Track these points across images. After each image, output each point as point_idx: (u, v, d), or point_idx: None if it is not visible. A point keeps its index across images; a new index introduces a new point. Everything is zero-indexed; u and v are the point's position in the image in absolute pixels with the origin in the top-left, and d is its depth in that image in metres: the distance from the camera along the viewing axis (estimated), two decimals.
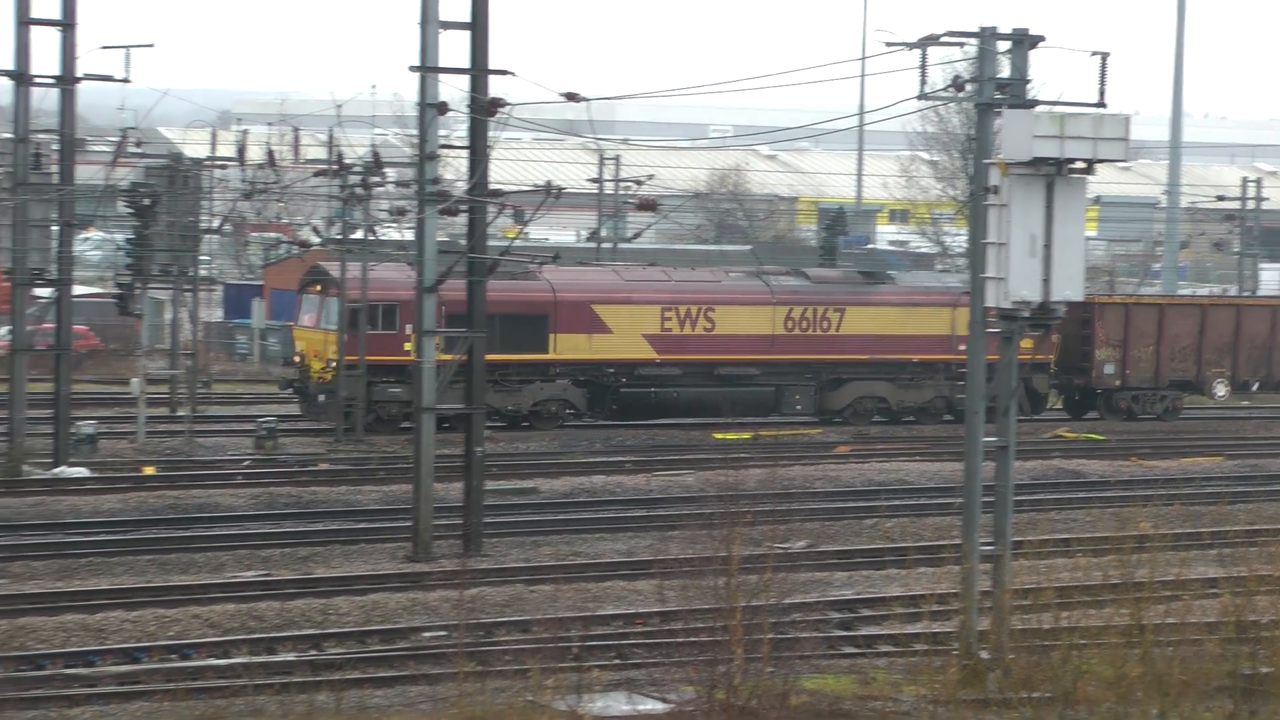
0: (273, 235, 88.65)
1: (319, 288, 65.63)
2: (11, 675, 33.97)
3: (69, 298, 57.43)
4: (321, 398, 64.76)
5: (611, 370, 66.50)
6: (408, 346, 61.67)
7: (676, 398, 67.63)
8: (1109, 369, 72.41)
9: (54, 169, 57.81)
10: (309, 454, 60.70)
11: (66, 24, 55.77)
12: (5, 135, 58.00)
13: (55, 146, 57.66)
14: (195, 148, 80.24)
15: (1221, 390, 74.45)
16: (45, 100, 56.96)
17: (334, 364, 63.33)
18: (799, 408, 69.32)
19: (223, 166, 67.64)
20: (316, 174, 70.00)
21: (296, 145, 70.18)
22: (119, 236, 63.87)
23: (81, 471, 55.59)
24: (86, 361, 76.59)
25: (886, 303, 70.02)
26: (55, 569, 44.49)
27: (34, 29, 55.79)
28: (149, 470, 56.54)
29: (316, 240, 70.26)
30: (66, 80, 56.01)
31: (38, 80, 56.14)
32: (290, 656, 37.33)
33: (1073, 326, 72.01)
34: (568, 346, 65.83)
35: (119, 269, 62.20)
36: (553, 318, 65.77)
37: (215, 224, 69.42)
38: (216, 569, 45.33)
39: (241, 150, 66.79)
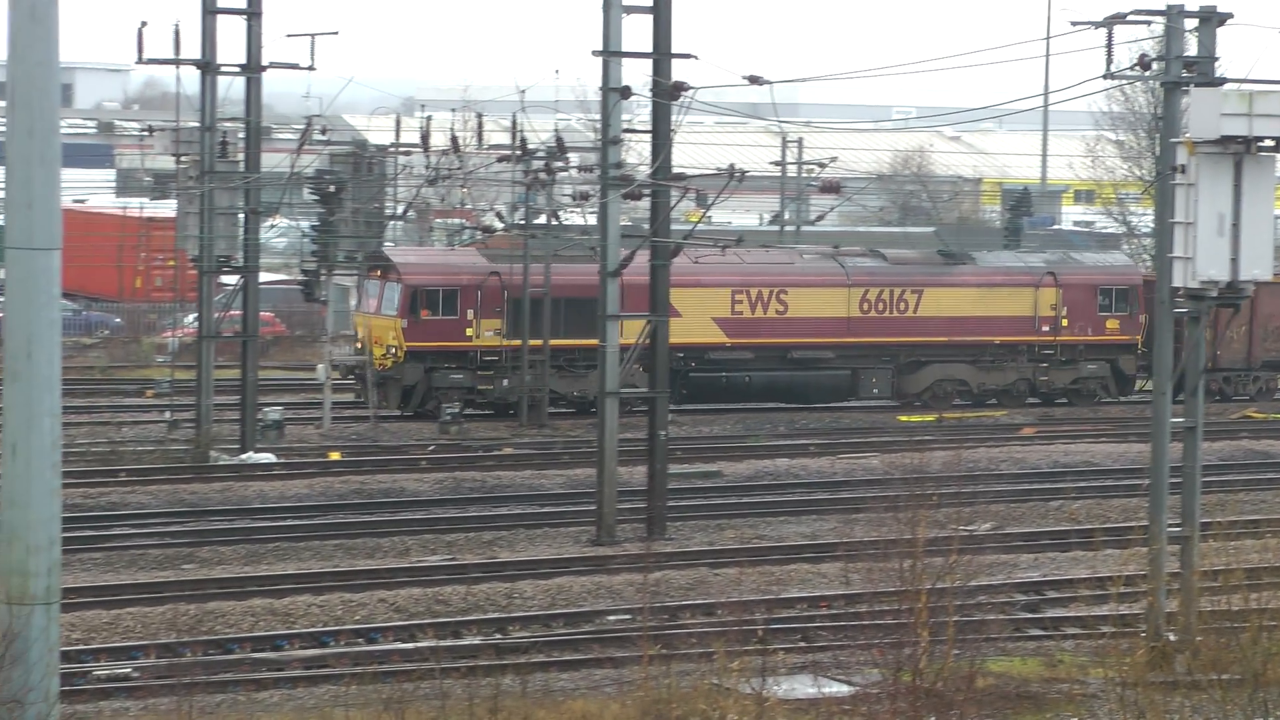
0: (456, 221, 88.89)
1: (380, 273, 64.63)
2: (201, 659, 34.33)
3: (255, 285, 57.96)
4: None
5: (680, 354, 64.16)
6: (469, 332, 62.21)
7: (748, 382, 66.37)
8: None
9: (240, 157, 58.29)
10: (493, 439, 60.93)
11: (252, 13, 56.24)
12: (192, 124, 58.56)
13: (241, 135, 58.18)
14: (379, 134, 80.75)
15: None
16: (232, 89, 57.53)
17: (394, 350, 62.80)
18: (876, 391, 67.99)
19: (407, 153, 67.88)
20: (500, 159, 70.15)
21: (480, 131, 70.31)
22: (304, 223, 64.31)
23: (268, 457, 56.09)
24: (272, 348, 77.27)
25: (966, 284, 68.44)
26: (243, 554, 44.95)
27: (220, 18, 56.30)
28: (334, 455, 56.98)
29: (500, 225, 70.40)
30: (252, 69, 56.50)
31: (224, 69, 56.67)
32: (475, 640, 37.51)
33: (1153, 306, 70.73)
34: (634, 331, 64.05)
35: (304, 256, 62.67)
36: (620, 302, 64.06)
37: (399, 210, 69.77)
38: (402, 553, 45.62)
39: (425, 136, 66.96)
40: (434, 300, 62.91)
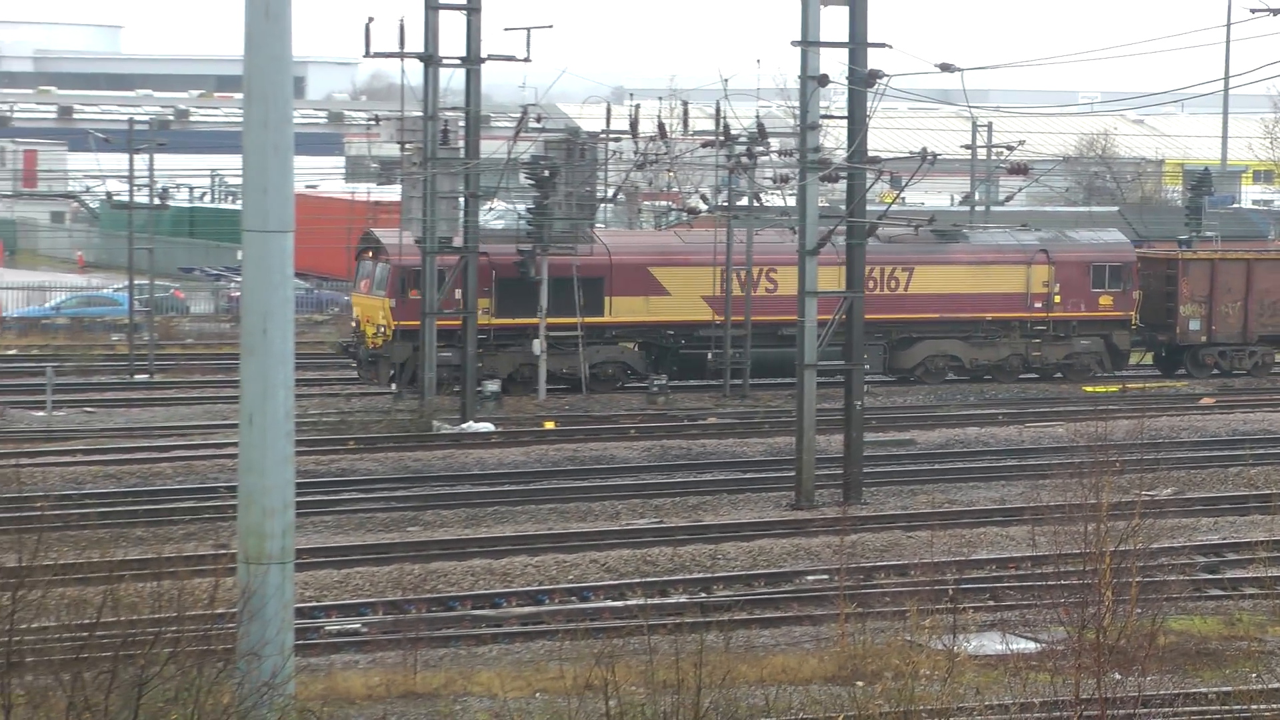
0: (663, 203, 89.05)
1: (371, 254, 63.22)
2: (425, 616, 34.63)
3: (475, 264, 58.35)
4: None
5: (671, 332, 63.04)
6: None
7: (738, 358, 64.04)
8: (1194, 325, 68.67)
9: (460, 144, 58.69)
10: (698, 409, 60.96)
11: (472, 8, 56.56)
12: (416, 113, 58.99)
13: (461, 123, 58.55)
14: (591, 122, 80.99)
15: None
16: (453, 80, 57.92)
17: (384, 329, 61.22)
18: (867, 367, 65.66)
19: (617, 139, 68.05)
20: (704, 144, 70.17)
21: (686, 118, 70.34)
22: (520, 206, 64.56)
23: (487, 427, 56.43)
24: None
25: (957, 261, 66.10)
26: (464, 517, 45.26)
27: (442, 14, 56.68)
28: (549, 425, 57.22)
29: (704, 207, 70.41)
30: (472, 61, 56.84)
31: (446, 62, 57.06)
32: (681, 598, 37.61)
33: (1156, 283, 68.95)
34: (624, 309, 62.31)
35: (520, 236, 62.88)
36: (608, 281, 62.39)
37: (610, 193, 69.93)
38: (612, 517, 45.77)
39: (634, 124, 67.12)
40: (422, 280, 59.87)
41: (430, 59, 56.88)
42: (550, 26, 59.72)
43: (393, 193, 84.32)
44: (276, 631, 24.64)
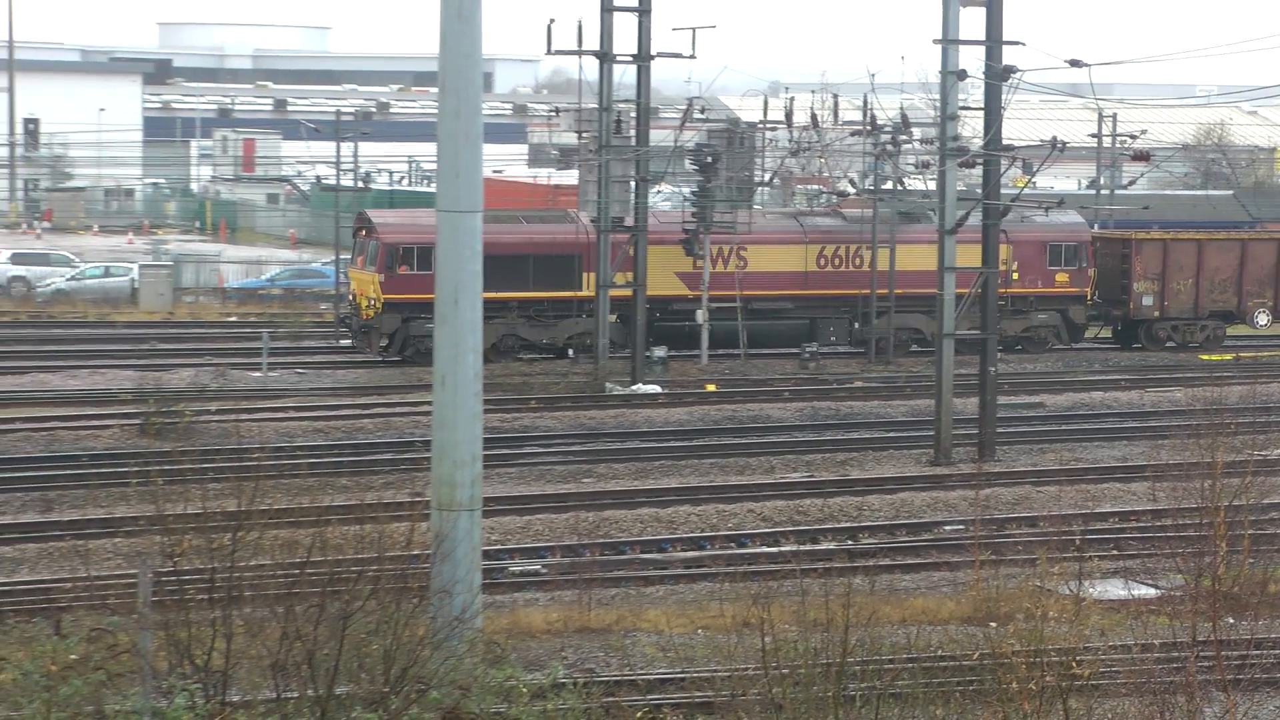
0: (814, 187, 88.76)
1: (365, 232, 61.70)
2: (598, 559, 34.72)
3: (644, 242, 58.36)
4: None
5: (647, 305, 60.18)
6: None
7: (710, 330, 61.86)
8: (1147, 300, 66.52)
9: (632, 133, 58.71)
10: (846, 373, 60.69)
11: (643, 10, 56.50)
12: (592, 105, 59.03)
13: (633, 114, 58.56)
14: (749, 113, 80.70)
15: (1263, 319, 68.00)
16: (625, 75, 57.88)
17: (374, 301, 59.89)
18: (833, 339, 63.61)
19: (772, 128, 67.87)
20: (853, 134, 69.86)
21: (836, 109, 70.12)
22: (685, 189, 64.44)
23: (654, 389, 56.43)
24: None
25: (919, 240, 62.74)
26: (633, 470, 45.32)
27: (616, 15, 56.68)
28: (711, 388, 57.14)
29: (852, 191, 70.04)
30: (643, 58, 56.79)
31: (619, 58, 57.04)
32: (830, 545, 37.52)
33: (1111, 261, 66.95)
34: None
35: (685, 218, 62.75)
36: (585, 257, 60.30)
37: (766, 178, 69.74)
38: (767, 471, 45.68)
39: (789, 114, 66.87)
40: (410, 256, 59.03)
41: (605, 56, 56.90)
42: (714, 26, 59.55)
43: (570, 177, 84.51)
44: (466, 572, 24.80)
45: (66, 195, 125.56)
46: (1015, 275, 64.40)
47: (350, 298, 62.42)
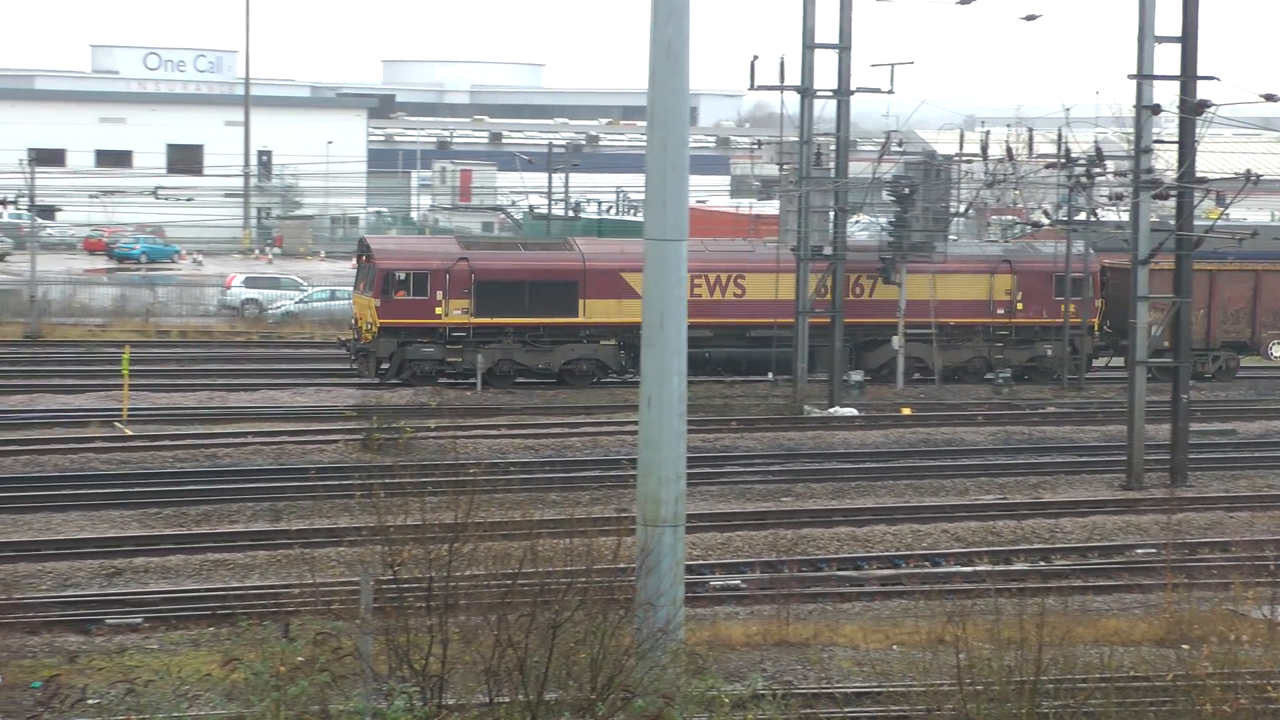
0: (1009, 218, 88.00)
1: (365, 258, 61.01)
2: (796, 575, 34.58)
3: (842, 270, 58.13)
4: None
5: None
6: (438, 311, 58.18)
7: (708, 357, 59.74)
8: (1155, 331, 64.54)
9: (831, 165, 58.58)
10: (1038, 399, 60.05)
11: (843, 47, 56.38)
12: (792, 139, 58.95)
13: (832, 147, 58.43)
14: (946, 146, 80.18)
15: (1278, 351, 65.26)
16: (825, 109, 57.78)
17: (371, 325, 58.87)
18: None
19: (968, 161, 67.37)
20: (1047, 166, 69.14)
21: (1030, 142, 69.37)
22: (882, 219, 64.13)
23: (851, 411, 56.19)
24: None
25: (922, 270, 61.86)
26: (830, 490, 45.13)
27: (817, 52, 56.61)
28: (906, 411, 56.80)
29: (1046, 221, 69.24)
30: (842, 93, 56.65)
31: (819, 94, 56.93)
32: (1023, 566, 37.08)
33: (1122, 291, 63.19)
34: (597, 310, 59.37)
35: (882, 246, 62.44)
36: (582, 284, 59.14)
37: (961, 208, 69.21)
38: (961, 493, 45.27)
39: (984, 147, 66.35)
40: (406, 282, 58.23)
41: (806, 91, 56.80)
42: (911, 63, 59.50)
43: (771, 207, 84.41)
44: (669, 585, 24.78)
45: (296, 223, 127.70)
46: (1019, 305, 62.44)
47: (353, 322, 61.83)
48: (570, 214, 79.03)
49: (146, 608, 31.77)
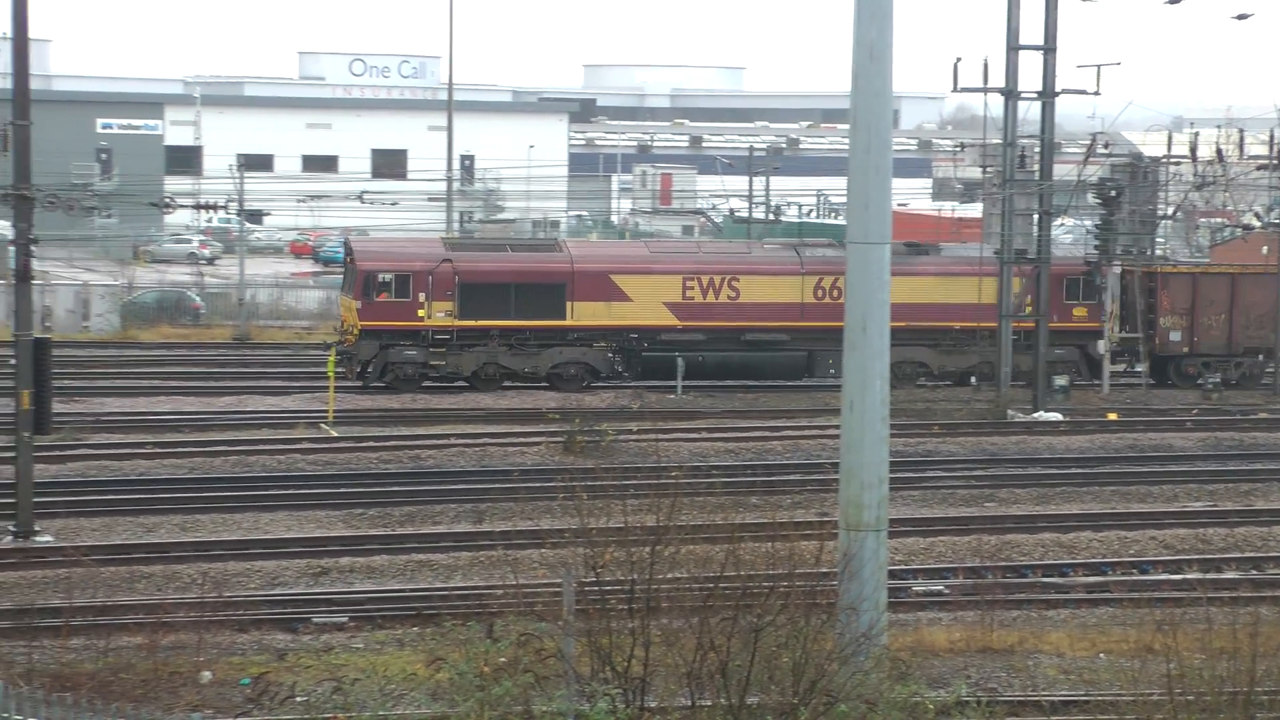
0: (1218, 220, 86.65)
1: (350, 260, 59.91)
2: (1000, 581, 34.24)
3: (1046, 275, 57.52)
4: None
5: (634, 335, 58.52)
6: (421, 313, 56.91)
7: (702, 361, 58.70)
8: (1174, 336, 61.28)
9: (1035, 168, 57.99)
10: (1249, 404, 58.98)
11: (1048, 48, 55.82)
12: (995, 141, 58.41)
13: (1036, 149, 57.83)
14: (1153, 148, 79.06)
15: None
16: (1029, 111, 57.19)
17: (353, 328, 57.93)
18: (833, 372, 58.47)
19: (1176, 163, 66.42)
20: (1258, 168, 68.01)
21: (1241, 143, 68.24)
22: (1087, 222, 63.41)
23: (1055, 416, 55.58)
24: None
25: (925, 272, 59.83)
26: (1034, 495, 44.63)
27: (1021, 54, 56.08)
28: (1112, 416, 56.06)
29: (1257, 224, 68.17)
30: (1047, 95, 56.08)
31: (1023, 95, 56.39)
32: (1234, 575, 36.41)
33: (1136, 295, 62.05)
34: (585, 314, 58.04)
35: (1088, 249, 61.67)
36: (570, 287, 57.90)
37: (1169, 211, 68.24)
38: (1169, 500, 44.54)
39: (1193, 149, 65.39)
40: (388, 284, 57.14)
41: (1010, 93, 56.28)
42: (1118, 64, 58.78)
43: (974, 210, 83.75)
44: (872, 590, 24.67)
45: (498, 226, 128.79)
46: (1027, 309, 59.65)
47: (340, 324, 61.33)
48: (770, 217, 78.90)
49: (352, 607, 32.18)
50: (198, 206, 64.02)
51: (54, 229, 61.72)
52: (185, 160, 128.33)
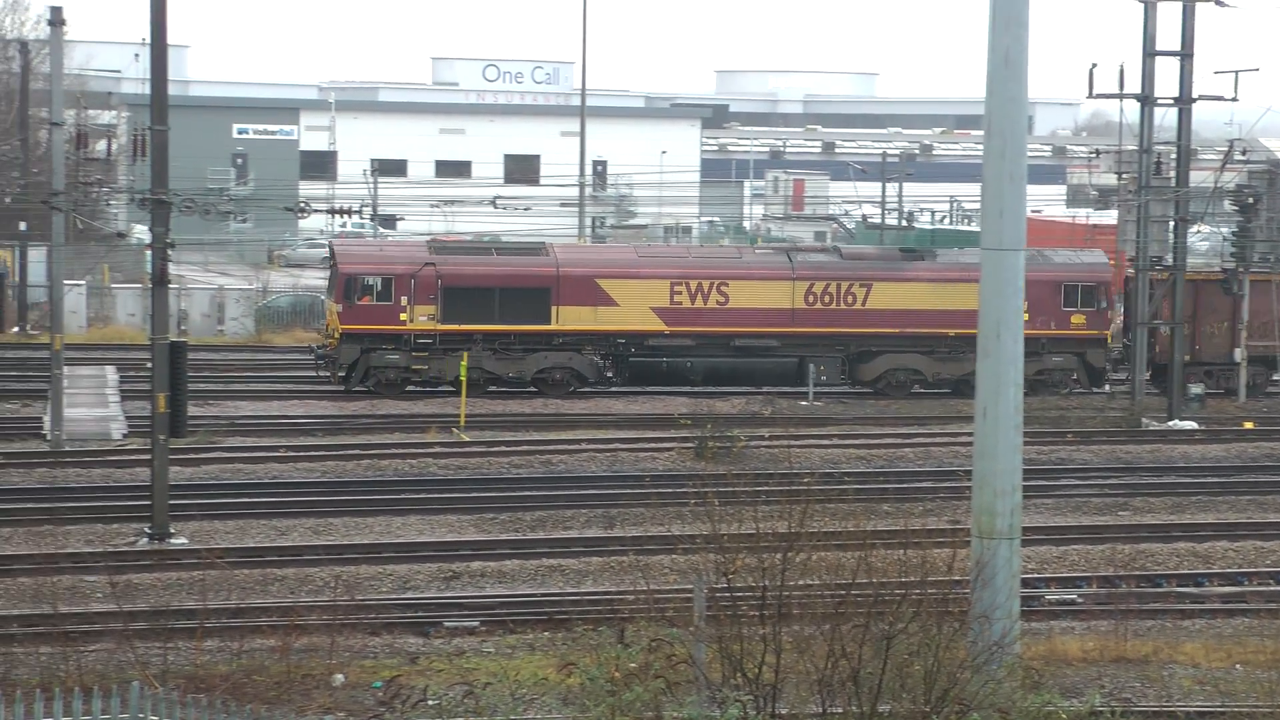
0: None
1: (333, 263, 58.70)
2: (1134, 590, 33.92)
3: (1182, 282, 56.95)
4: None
5: (622, 340, 57.63)
6: (403, 317, 56.03)
7: (690, 367, 57.81)
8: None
9: (1171, 175, 57.47)
10: None
11: (1185, 54, 55.30)
12: (1131, 147, 57.91)
13: (1173, 156, 57.31)
14: None
15: None
16: (1165, 118, 56.68)
17: (334, 332, 57.29)
18: (824, 378, 58.53)
19: None
20: None
21: None
22: (1224, 229, 62.70)
23: (1190, 425, 55.01)
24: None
25: (919, 279, 58.82)
26: (1169, 504, 44.15)
27: (1157, 60, 55.57)
28: (1248, 425, 55.40)
29: None
30: (1184, 100, 55.57)
31: (1160, 101, 55.88)
32: None
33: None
34: (570, 318, 57.19)
35: (1224, 257, 60.96)
36: (555, 291, 57.09)
37: None
38: None
39: None
40: (370, 287, 56.52)
41: (1146, 99, 55.79)
42: (1256, 69, 57.98)
43: (1108, 217, 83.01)
44: (1005, 599, 24.52)
45: (629, 232, 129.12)
46: (1025, 316, 59.21)
47: (324, 327, 60.77)
48: (903, 224, 78.61)
49: (483, 611, 32.34)
50: (332, 211, 64.55)
51: (190, 233, 62.39)
52: (320, 165, 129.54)
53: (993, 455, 25.19)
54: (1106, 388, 60.84)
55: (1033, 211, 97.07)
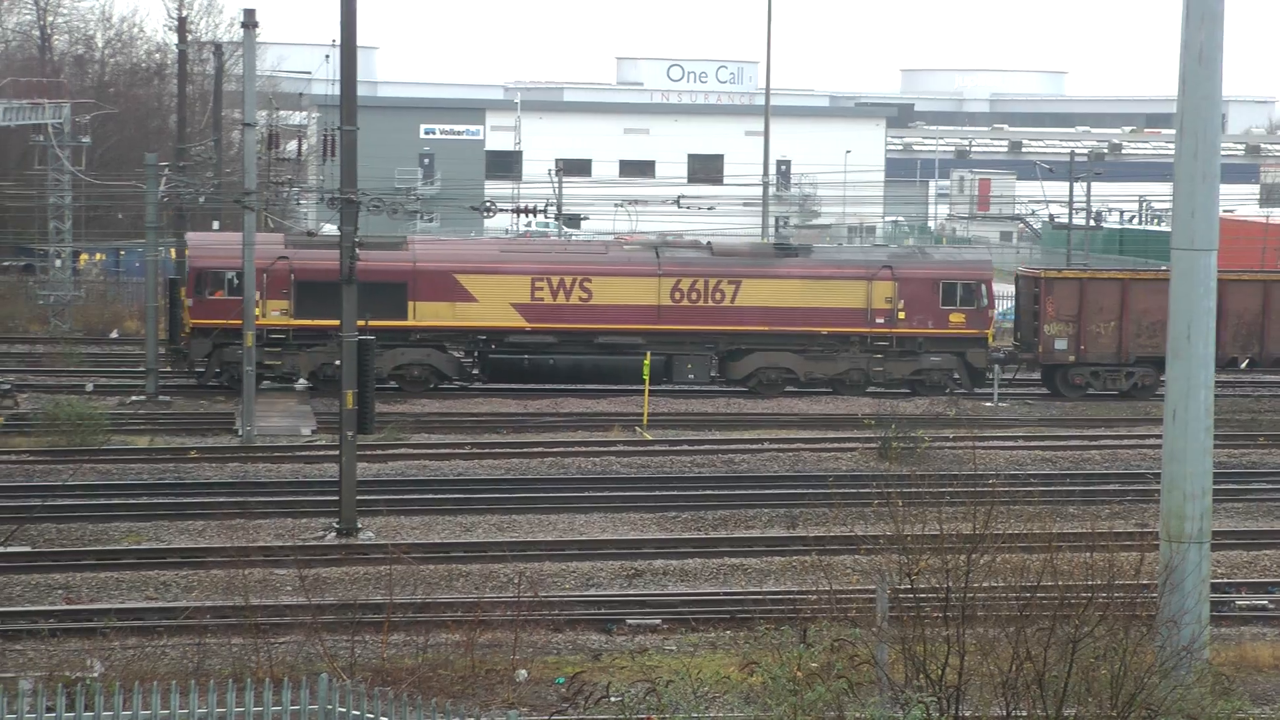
0: None
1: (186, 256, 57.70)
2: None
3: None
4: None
5: (482, 337, 56.30)
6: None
7: (553, 364, 56.79)
8: (1060, 344, 57.11)
9: None
10: None
11: None
12: None
13: None
14: None
15: None
16: None
17: (186, 326, 56.22)
18: (692, 376, 57.10)
19: None
20: None
21: None
22: None
23: None
24: None
25: (791, 275, 57.21)
26: None
27: None
28: None
29: None
30: None
31: None
32: None
33: (1025, 301, 58.07)
34: (428, 314, 55.88)
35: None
36: (411, 286, 56.03)
37: None
38: None
39: None
40: (220, 281, 55.34)
41: None
42: None
43: None
44: (1194, 603, 24.25)
45: (813, 232, 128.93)
46: (901, 314, 57.26)
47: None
48: (1091, 224, 77.81)
49: (665, 609, 32.44)
50: (517, 210, 65.25)
51: (378, 232, 63.14)
52: (505, 165, 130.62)
53: (1183, 458, 24.92)
54: None
55: (1224, 211, 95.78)
